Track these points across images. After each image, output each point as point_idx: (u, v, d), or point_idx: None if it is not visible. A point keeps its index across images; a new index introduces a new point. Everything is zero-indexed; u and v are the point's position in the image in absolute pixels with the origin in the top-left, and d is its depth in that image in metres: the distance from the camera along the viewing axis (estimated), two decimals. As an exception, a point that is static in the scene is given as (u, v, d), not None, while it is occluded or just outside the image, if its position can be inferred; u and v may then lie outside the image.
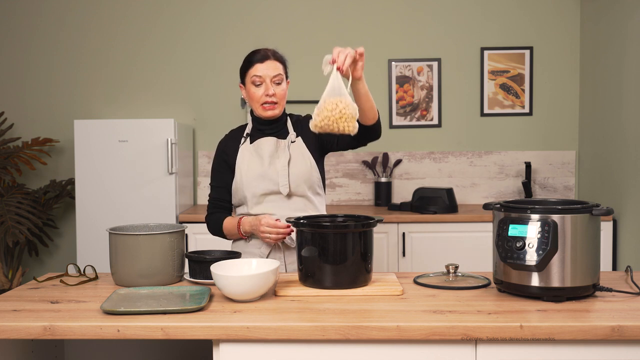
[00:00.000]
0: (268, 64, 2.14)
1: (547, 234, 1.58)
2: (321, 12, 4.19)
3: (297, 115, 2.31)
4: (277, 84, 2.15)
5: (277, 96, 2.15)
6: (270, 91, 2.13)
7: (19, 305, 1.64)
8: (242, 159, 2.19)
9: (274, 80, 2.14)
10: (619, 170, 3.52)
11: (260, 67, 2.14)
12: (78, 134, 3.68)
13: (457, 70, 4.20)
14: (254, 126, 2.24)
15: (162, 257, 1.83)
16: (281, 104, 2.18)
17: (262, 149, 2.18)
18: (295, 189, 2.14)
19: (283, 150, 2.17)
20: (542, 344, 1.43)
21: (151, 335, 1.45)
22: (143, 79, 4.26)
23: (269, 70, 2.14)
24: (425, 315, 1.50)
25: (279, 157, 2.16)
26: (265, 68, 2.14)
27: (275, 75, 2.14)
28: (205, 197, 4.23)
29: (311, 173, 2.17)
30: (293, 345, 1.46)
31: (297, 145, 2.19)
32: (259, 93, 2.14)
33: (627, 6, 3.43)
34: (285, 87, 2.18)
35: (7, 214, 3.70)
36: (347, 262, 1.74)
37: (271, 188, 2.14)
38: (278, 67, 2.16)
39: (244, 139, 2.24)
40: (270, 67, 2.14)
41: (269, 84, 2.13)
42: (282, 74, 2.16)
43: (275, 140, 2.19)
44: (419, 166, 4.20)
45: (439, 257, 3.54)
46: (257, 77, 2.13)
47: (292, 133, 2.21)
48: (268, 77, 2.13)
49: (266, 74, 2.13)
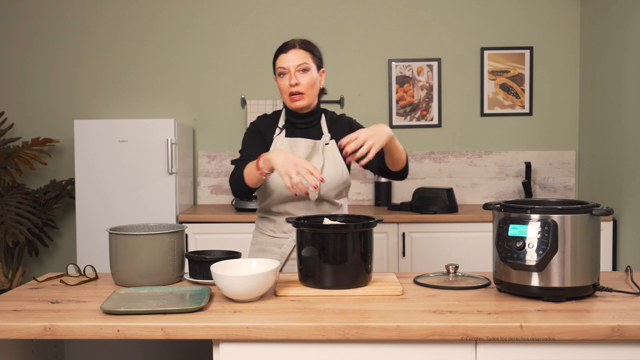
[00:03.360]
0: (292, 54, 2.09)
1: (547, 234, 1.58)
2: (321, 12, 4.19)
3: (331, 112, 2.25)
4: (303, 72, 2.09)
5: (302, 86, 2.08)
6: (293, 81, 2.07)
7: (19, 305, 1.64)
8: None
9: (298, 69, 2.08)
10: (619, 170, 3.52)
11: (284, 58, 2.09)
12: (78, 134, 3.68)
13: (457, 70, 4.20)
14: (287, 119, 2.19)
15: (162, 257, 1.83)
16: (308, 93, 2.10)
17: (297, 149, 2.13)
18: (324, 194, 2.11)
19: (318, 154, 2.13)
20: (542, 344, 1.43)
21: (151, 335, 1.45)
22: (143, 79, 4.26)
23: (293, 59, 2.08)
24: (425, 315, 1.50)
25: (313, 161, 2.12)
26: (289, 58, 2.08)
27: (299, 64, 2.07)
28: (205, 197, 4.25)
29: (341, 179, 2.13)
30: (293, 345, 1.46)
31: (331, 148, 2.15)
32: (284, 84, 2.10)
33: (627, 6, 3.43)
34: (312, 76, 2.10)
35: (7, 214, 3.70)
36: (347, 262, 1.74)
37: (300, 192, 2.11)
38: (303, 55, 2.09)
39: (279, 129, 2.19)
40: (294, 56, 2.08)
41: (293, 73, 2.08)
42: (307, 62, 2.09)
43: (312, 143, 2.14)
44: (419, 166, 4.20)
45: (439, 257, 3.54)
46: (281, 68, 2.09)
47: (327, 134, 2.17)
48: (292, 66, 2.08)
49: (290, 64, 2.08)
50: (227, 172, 4.23)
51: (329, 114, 2.24)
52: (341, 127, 2.19)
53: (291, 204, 2.13)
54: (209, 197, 4.25)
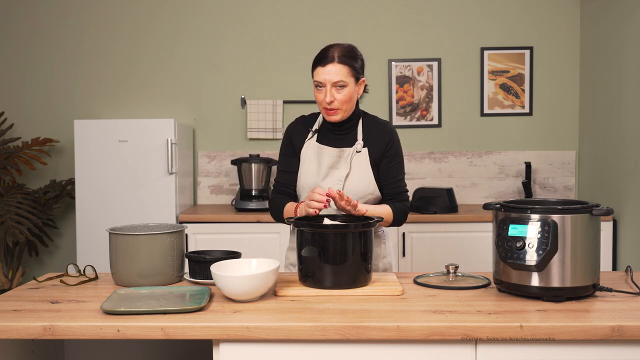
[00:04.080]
0: (329, 69, 2.02)
1: (547, 234, 1.58)
2: (321, 12, 4.19)
3: (373, 117, 2.19)
4: (339, 88, 2.03)
5: (338, 102, 2.04)
6: (328, 98, 2.03)
7: (19, 305, 1.64)
8: (304, 157, 2.14)
9: (335, 85, 2.03)
10: (619, 170, 3.52)
11: (321, 72, 2.04)
12: (78, 134, 3.68)
13: (457, 70, 4.20)
14: (323, 123, 2.17)
15: (162, 257, 1.83)
16: (344, 108, 2.06)
17: (323, 157, 2.11)
18: None
19: (345, 162, 2.10)
20: (542, 344, 1.43)
21: (151, 335, 1.45)
22: (143, 79, 4.26)
23: (330, 74, 2.02)
24: (425, 315, 1.50)
25: (339, 168, 2.10)
26: (326, 73, 2.03)
27: (336, 81, 2.02)
28: (205, 197, 4.25)
29: (367, 190, 2.10)
30: (293, 345, 1.46)
31: (361, 157, 2.11)
32: (320, 97, 2.06)
33: (627, 6, 3.43)
34: (349, 92, 2.05)
35: (7, 214, 3.70)
36: (347, 262, 1.74)
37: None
38: (341, 71, 2.02)
39: (312, 133, 2.17)
40: (331, 71, 2.02)
41: (329, 89, 2.03)
42: (344, 80, 2.03)
43: (338, 152, 2.11)
44: (419, 166, 4.20)
45: (439, 257, 3.54)
46: (317, 81, 2.05)
47: (360, 142, 2.13)
48: (328, 82, 2.02)
49: (326, 80, 2.03)
50: (227, 172, 4.23)
51: (369, 118, 2.18)
52: (379, 138, 2.12)
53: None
54: (209, 197, 4.25)
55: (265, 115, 4.17)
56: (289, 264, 2.25)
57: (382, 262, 2.21)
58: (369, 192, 2.11)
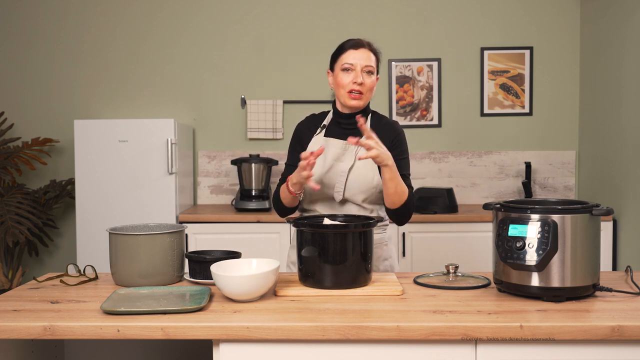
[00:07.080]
0: (362, 52, 2.08)
1: (547, 234, 1.58)
2: (321, 12, 4.19)
3: (381, 116, 2.22)
4: (368, 74, 2.08)
5: (365, 86, 2.08)
6: (359, 79, 2.06)
7: (19, 305, 1.64)
8: (310, 149, 2.14)
9: (365, 69, 2.07)
10: (619, 170, 3.52)
11: (353, 54, 2.08)
12: (78, 134, 3.68)
13: (457, 70, 4.20)
14: (333, 119, 2.19)
15: (162, 257, 1.83)
16: (367, 96, 2.10)
17: (328, 149, 2.12)
18: (351, 197, 2.09)
19: (349, 154, 2.11)
20: (542, 344, 1.43)
21: (151, 335, 1.45)
22: (143, 79, 4.26)
23: (362, 59, 2.07)
24: (425, 315, 1.50)
25: (343, 160, 2.11)
26: (358, 56, 2.07)
27: (367, 64, 2.07)
28: (205, 197, 4.25)
29: (371, 184, 2.09)
30: (293, 345, 1.46)
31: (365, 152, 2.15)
32: (347, 80, 2.07)
33: (627, 6, 3.43)
34: (374, 80, 2.11)
35: (7, 214, 3.70)
36: (347, 262, 1.74)
37: (326, 192, 2.09)
38: (371, 57, 2.10)
39: (320, 129, 2.19)
40: (364, 55, 2.08)
41: (359, 72, 2.06)
42: (373, 65, 2.10)
43: (343, 144, 2.12)
44: (419, 166, 4.20)
45: (439, 257, 3.54)
46: (348, 63, 2.07)
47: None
48: (359, 65, 2.06)
49: (358, 62, 2.06)
50: (227, 172, 4.23)
51: (378, 117, 2.20)
52: (386, 134, 2.14)
53: (320, 204, 2.13)
54: (209, 197, 4.25)
55: (265, 115, 4.17)
56: (290, 262, 2.25)
57: (382, 264, 2.21)
58: (372, 186, 2.10)
